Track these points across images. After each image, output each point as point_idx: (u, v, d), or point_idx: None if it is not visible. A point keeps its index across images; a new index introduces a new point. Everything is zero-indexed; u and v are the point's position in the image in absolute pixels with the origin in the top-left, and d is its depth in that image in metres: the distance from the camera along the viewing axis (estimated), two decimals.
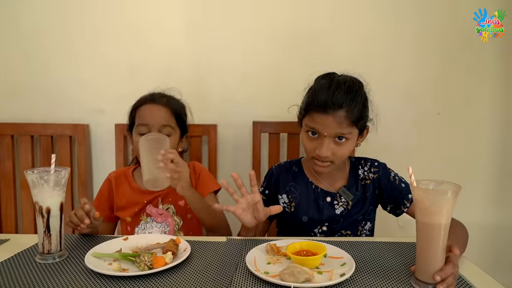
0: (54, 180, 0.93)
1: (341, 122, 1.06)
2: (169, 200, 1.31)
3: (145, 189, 1.29)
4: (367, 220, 1.23)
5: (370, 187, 1.20)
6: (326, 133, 1.07)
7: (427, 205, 0.79)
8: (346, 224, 1.20)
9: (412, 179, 0.83)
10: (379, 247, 1.03)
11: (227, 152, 1.77)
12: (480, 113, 1.75)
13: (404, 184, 1.20)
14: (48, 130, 1.71)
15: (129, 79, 1.73)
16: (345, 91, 1.07)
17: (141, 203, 1.30)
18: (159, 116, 1.24)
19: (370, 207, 1.22)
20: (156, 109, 1.25)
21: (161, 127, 1.23)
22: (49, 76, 1.73)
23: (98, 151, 1.77)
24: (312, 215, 1.19)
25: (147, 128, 1.22)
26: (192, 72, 1.73)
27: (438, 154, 1.76)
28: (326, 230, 1.21)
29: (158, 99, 1.27)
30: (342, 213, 1.18)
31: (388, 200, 1.20)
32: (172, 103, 1.29)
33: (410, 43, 1.70)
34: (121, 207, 1.31)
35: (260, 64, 1.71)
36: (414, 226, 0.84)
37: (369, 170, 1.21)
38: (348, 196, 1.19)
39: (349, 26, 1.70)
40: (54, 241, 0.94)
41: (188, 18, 1.70)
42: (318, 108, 1.07)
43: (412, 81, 1.72)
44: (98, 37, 1.71)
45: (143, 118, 1.24)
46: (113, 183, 1.33)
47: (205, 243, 1.05)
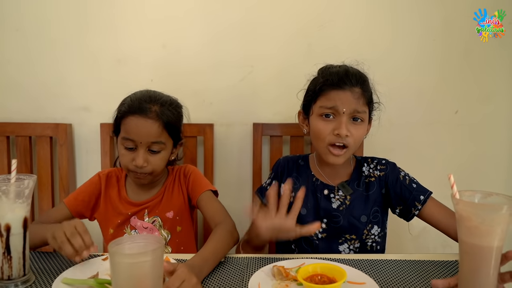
0: (15, 191, 0.77)
1: (359, 98, 1.03)
2: (155, 211, 1.15)
3: (133, 200, 1.15)
4: (374, 223, 1.10)
5: (375, 185, 1.11)
6: (345, 109, 1.02)
7: (476, 224, 0.64)
8: (347, 225, 1.09)
9: (454, 189, 0.68)
10: (405, 267, 0.88)
11: (225, 154, 1.62)
12: (500, 112, 1.62)
13: (416, 184, 1.09)
14: (26, 130, 1.54)
15: (116, 73, 1.56)
16: (357, 71, 1.07)
17: (125, 214, 1.15)
18: (148, 133, 1.05)
19: (375, 207, 1.10)
20: (145, 124, 1.04)
21: (150, 144, 1.06)
22: (27, 71, 1.57)
23: (82, 153, 1.61)
24: (310, 207, 1.12)
25: (133, 144, 1.05)
26: (185, 65, 1.57)
27: (455, 155, 1.62)
28: (326, 228, 1.10)
29: (147, 110, 1.05)
30: (339, 208, 1.10)
31: (396, 201, 1.10)
32: (165, 114, 1.07)
33: (426, 38, 1.56)
34: (103, 213, 1.16)
35: (261, 57, 1.56)
36: (430, 235, 0.69)
37: (375, 168, 1.13)
38: (347, 190, 1.11)
39: (359, 21, 1.55)
40: (16, 265, 0.78)
41: (182, 6, 1.54)
42: (333, 85, 1.04)
43: (428, 79, 1.58)
44: (82, 28, 1.55)
45: (129, 133, 1.05)
46: (103, 182, 1.17)
47: None
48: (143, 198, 1.16)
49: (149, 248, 0.61)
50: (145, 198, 1.16)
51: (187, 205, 1.19)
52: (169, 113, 1.08)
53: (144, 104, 1.06)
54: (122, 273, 0.61)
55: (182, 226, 1.17)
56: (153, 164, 1.07)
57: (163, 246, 0.63)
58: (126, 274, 0.60)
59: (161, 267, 0.64)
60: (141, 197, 1.16)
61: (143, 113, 1.04)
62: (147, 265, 0.60)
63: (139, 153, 1.05)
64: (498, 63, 1.58)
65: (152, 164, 1.07)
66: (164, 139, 1.07)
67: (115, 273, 0.61)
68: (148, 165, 1.06)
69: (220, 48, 1.55)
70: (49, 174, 1.55)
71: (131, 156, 1.06)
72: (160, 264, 0.63)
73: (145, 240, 0.64)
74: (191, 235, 1.22)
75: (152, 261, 0.60)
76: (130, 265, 0.60)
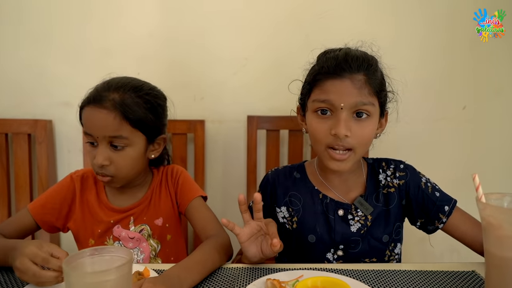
0: None
1: (361, 87, 0.83)
2: (143, 219, 1.01)
3: (115, 206, 1.00)
4: (396, 242, 0.95)
5: (395, 197, 0.93)
6: (343, 103, 0.83)
7: (508, 233, 0.53)
8: (367, 248, 0.92)
9: (480, 192, 0.57)
10: (417, 279, 0.77)
11: (216, 152, 1.52)
12: (509, 107, 1.53)
13: (439, 192, 0.94)
14: (2, 127, 1.44)
15: (100, 66, 1.46)
16: (361, 54, 0.87)
17: (106, 223, 0.99)
18: (103, 126, 0.89)
19: (397, 223, 0.95)
20: (100, 115, 0.89)
21: (110, 139, 0.91)
22: (3, 64, 1.46)
23: (63, 152, 1.51)
24: (320, 234, 0.92)
25: (92, 139, 0.91)
26: (173, 57, 1.47)
27: (463, 152, 1.53)
28: (342, 255, 0.93)
29: (104, 99, 0.90)
30: (360, 231, 0.91)
31: (418, 213, 0.94)
32: (126, 103, 0.91)
33: (432, 31, 1.46)
34: (80, 221, 1.00)
35: (254, 46, 1.46)
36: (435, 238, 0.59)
37: (393, 175, 0.95)
38: (367, 208, 0.92)
39: (363, 11, 1.45)
40: None
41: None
42: (329, 74, 0.84)
43: (434, 74, 1.49)
44: (63, 18, 1.44)
45: (86, 126, 0.92)
46: (77, 184, 1.01)
47: None
48: (127, 203, 1.01)
49: (114, 264, 0.51)
50: (130, 203, 1.01)
51: (175, 210, 1.05)
52: (132, 102, 0.92)
53: (102, 92, 0.91)
54: None
55: (172, 234, 1.03)
56: (116, 163, 0.92)
57: (131, 261, 0.52)
58: None
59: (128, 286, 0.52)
60: (124, 202, 1.01)
61: (98, 102, 0.90)
62: (111, 284, 0.49)
63: (99, 149, 0.91)
64: (506, 58, 1.50)
65: (115, 163, 0.92)
66: (126, 133, 0.91)
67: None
68: (111, 164, 0.91)
69: (212, 39, 1.46)
70: (27, 174, 1.44)
71: (93, 154, 0.92)
72: (128, 282, 0.52)
73: (109, 252, 0.53)
74: (181, 243, 1.08)
75: (117, 279, 0.49)
76: (90, 285, 0.49)
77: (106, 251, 0.55)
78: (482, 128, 1.53)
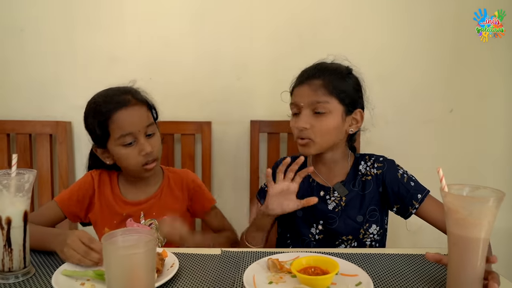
0: (15, 185, 0.79)
1: (316, 89, 1.05)
2: (152, 214, 1.14)
3: (128, 199, 1.13)
4: (371, 223, 1.10)
5: (371, 184, 1.10)
6: (303, 102, 1.06)
7: (464, 216, 0.66)
8: (343, 226, 1.09)
9: (443, 183, 0.70)
10: (398, 261, 0.90)
11: (222, 151, 1.64)
12: (495, 111, 1.63)
13: (414, 182, 1.08)
14: (26, 127, 1.56)
15: (112, 71, 1.58)
16: (325, 66, 1.09)
17: (120, 215, 1.13)
18: (141, 119, 1.07)
19: (372, 206, 1.10)
20: (134, 113, 1.06)
21: (145, 130, 1.07)
22: (27, 70, 1.59)
23: (81, 151, 1.62)
24: (306, 210, 1.10)
25: (132, 137, 1.05)
26: (181, 63, 1.59)
27: (450, 154, 1.63)
28: (322, 229, 1.11)
29: (128, 101, 1.06)
30: (335, 210, 1.10)
31: (394, 199, 1.09)
32: (140, 97, 1.10)
33: (421, 37, 1.57)
34: (99, 213, 1.14)
35: (257, 55, 1.58)
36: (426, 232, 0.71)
37: (372, 166, 1.12)
38: (343, 191, 1.11)
39: (354, 18, 1.56)
40: (17, 257, 0.80)
41: (178, 4, 1.56)
42: (297, 83, 1.10)
43: (422, 77, 1.59)
44: (78, 27, 1.57)
45: (124, 127, 1.04)
46: (96, 181, 1.15)
47: (196, 256, 0.92)
48: (138, 197, 1.14)
49: (142, 241, 0.64)
50: (141, 197, 1.14)
51: (184, 210, 1.18)
52: (141, 96, 1.11)
53: (121, 97, 1.06)
54: (115, 265, 0.63)
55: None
56: (156, 147, 1.08)
57: (155, 239, 0.65)
58: (119, 265, 0.62)
59: (153, 259, 0.65)
60: (136, 196, 1.14)
61: (126, 104, 1.05)
62: (139, 256, 0.62)
63: (142, 142, 1.05)
64: (492, 62, 1.59)
65: (155, 147, 1.08)
66: (152, 120, 1.11)
67: (108, 265, 0.63)
68: (153, 149, 1.07)
69: (215, 47, 1.57)
70: (49, 171, 1.57)
71: (136, 150, 1.05)
72: (153, 256, 0.65)
73: (138, 233, 0.66)
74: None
75: (144, 253, 0.62)
76: (123, 257, 0.62)
77: (135, 231, 0.68)
78: (469, 131, 1.62)
